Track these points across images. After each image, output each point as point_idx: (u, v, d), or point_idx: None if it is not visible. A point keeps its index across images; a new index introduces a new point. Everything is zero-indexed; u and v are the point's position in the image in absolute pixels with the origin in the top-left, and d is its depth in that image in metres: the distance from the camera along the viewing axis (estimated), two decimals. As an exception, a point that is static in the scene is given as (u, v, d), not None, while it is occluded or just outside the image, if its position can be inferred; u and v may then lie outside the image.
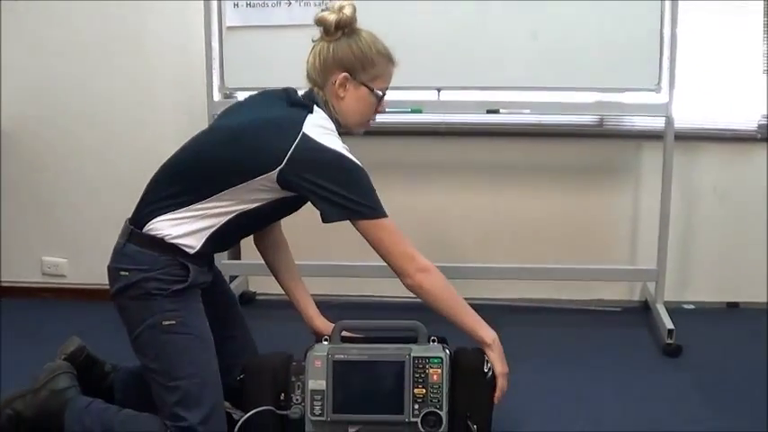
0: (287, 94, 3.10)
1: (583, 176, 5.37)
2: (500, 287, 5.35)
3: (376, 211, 2.90)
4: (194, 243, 2.91)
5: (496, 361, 3.05)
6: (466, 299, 3.13)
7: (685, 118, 5.04)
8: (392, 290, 5.21)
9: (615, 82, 4.83)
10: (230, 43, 4.88)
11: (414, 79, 4.71)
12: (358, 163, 2.91)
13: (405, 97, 4.87)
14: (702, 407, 3.87)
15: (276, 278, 3.53)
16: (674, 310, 5.00)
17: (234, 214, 2.92)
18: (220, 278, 3.39)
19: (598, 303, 5.39)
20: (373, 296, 5.35)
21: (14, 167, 5.53)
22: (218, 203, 2.90)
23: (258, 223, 3.13)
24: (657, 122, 4.97)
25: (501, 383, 3.05)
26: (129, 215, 3.06)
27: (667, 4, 4.67)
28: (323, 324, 3.41)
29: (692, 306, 5.39)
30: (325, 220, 2.88)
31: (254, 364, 3.17)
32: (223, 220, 2.93)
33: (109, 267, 2.99)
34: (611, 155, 5.36)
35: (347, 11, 3.00)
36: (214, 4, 4.87)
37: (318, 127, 2.89)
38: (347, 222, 2.89)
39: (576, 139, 5.35)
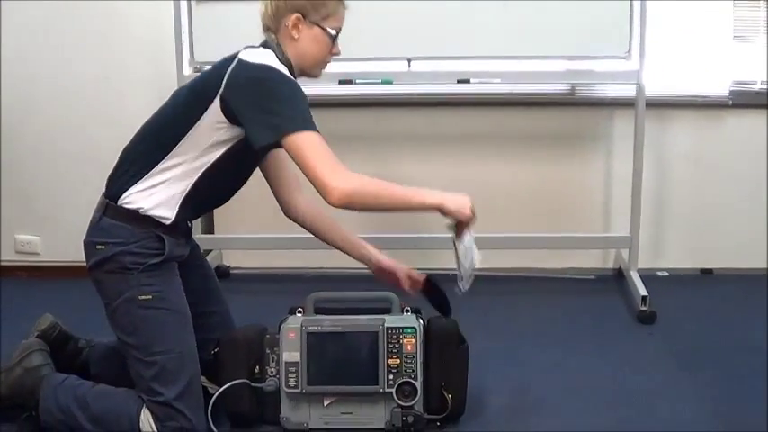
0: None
1: (555, 145, 5.37)
2: (473, 256, 5.33)
3: (299, 125, 2.79)
4: (168, 213, 2.91)
5: (457, 212, 3.16)
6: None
7: (656, 85, 5.04)
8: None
9: (585, 50, 4.84)
10: (199, 17, 4.86)
11: (384, 50, 4.76)
12: (288, 76, 2.90)
13: (375, 68, 4.88)
14: (677, 373, 3.88)
15: (327, 242, 3.60)
16: (648, 277, 5.01)
17: (200, 172, 2.91)
18: (198, 252, 3.39)
19: (572, 271, 5.41)
20: (347, 268, 5.33)
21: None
22: (179, 159, 2.89)
23: (227, 180, 3.09)
24: (629, 90, 4.96)
25: (470, 221, 3.23)
26: (101, 191, 3.05)
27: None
28: (387, 261, 3.53)
29: (665, 273, 5.41)
30: (255, 144, 2.81)
31: (228, 337, 3.18)
32: (191, 181, 2.92)
33: (85, 242, 2.99)
34: (582, 123, 5.37)
35: None
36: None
37: (254, 52, 2.94)
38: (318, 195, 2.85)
39: (547, 107, 5.36)
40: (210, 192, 3.04)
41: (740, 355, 4.01)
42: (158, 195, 2.90)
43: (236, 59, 2.87)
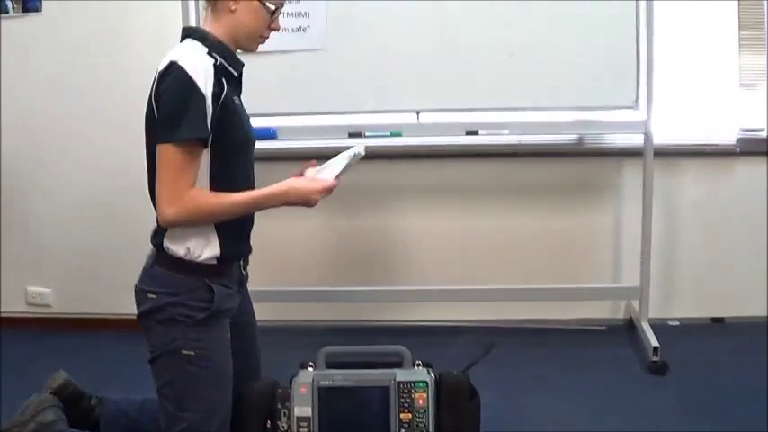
0: None
1: (564, 195, 5.38)
2: (483, 308, 5.34)
3: (166, 134, 2.65)
4: (212, 249, 2.86)
5: (304, 198, 2.91)
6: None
7: (664, 134, 5.04)
8: (375, 314, 5.24)
9: (593, 100, 4.86)
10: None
11: (393, 103, 4.78)
12: (183, 74, 2.66)
13: (384, 121, 4.91)
14: (690, 424, 3.88)
15: None
16: (659, 326, 5.01)
17: (205, 185, 2.81)
18: (249, 307, 3.33)
19: (582, 322, 5.40)
20: (359, 320, 5.35)
21: (-5, 196, 5.54)
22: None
23: (238, 177, 2.93)
24: (637, 139, 4.97)
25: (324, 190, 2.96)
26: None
27: (642, 22, 4.71)
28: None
29: (676, 322, 5.39)
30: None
31: (240, 392, 3.17)
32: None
33: (136, 288, 2.94)
34: (591, 173, 5.38)
35: None
36: (193, 22, 4.87)
37: (175, 50, 2.81)
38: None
39: (555, 158, 5.36)
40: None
41: (754, 405, 4.00)
42: (191, 229, 2.85)
43: (168, 63, 2.75)
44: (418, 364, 3.15)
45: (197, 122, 2.63)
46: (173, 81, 2.66)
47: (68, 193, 5.49)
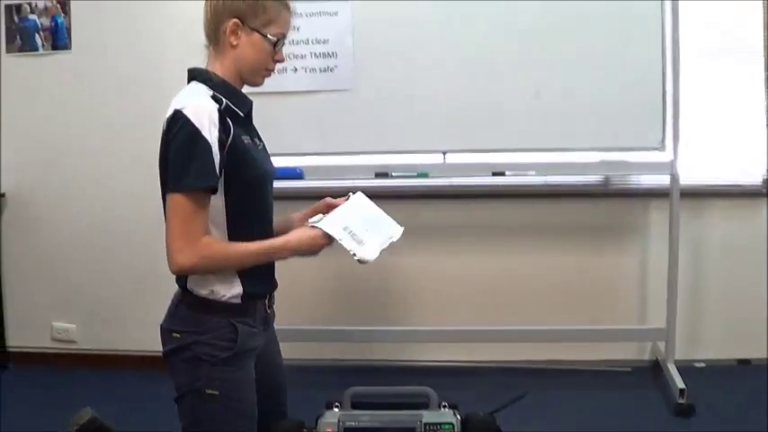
0: None
1: (590, 236, 5.38)
2: (509, 349, 5.33)
3: (175, 184, 2.64)
4: (236, 288, 2.82)
5: (311, 247, 2.80)
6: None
7: (690, 174, 5.06)
8: (401, 354, 5.23)
9: (619, 141, 4.88)
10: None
11: (419, 143, 4.79)
12: (188, 122, 2.64)
13: (411, 161, 4.93)
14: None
15: None
16: (685, 368, 4.99)
17: (226, 226, 2.78)
18: (275, 346, 3.32)
19: (608, 364, 5.37)
20: (381, 360, 5.35)
21: (21, 232, 5.59)
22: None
23: (255, 217, 2.91)
24: (663, 180, 4.98)
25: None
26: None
27: (669, 64, 4.71)
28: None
29: (702, 364, 5.36)
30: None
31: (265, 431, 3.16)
32: (223, 232, 2.76)
33: (161, 327, 2.93)
34: (617, 213, 5.38)
35: None
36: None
37: (180, 95, 2.79)
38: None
39: (582, 198, 5.37)
40: (248, 239, 2.93)
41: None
42: (216, 277, 2.85)
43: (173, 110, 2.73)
44: (444, 406, 3.13)
45: (204, 171, 2.62)
46: (178, 131, 2.64)
47: (94, 230, 5.53)
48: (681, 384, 4.64)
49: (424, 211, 5.35)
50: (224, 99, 2.72)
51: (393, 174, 4.94)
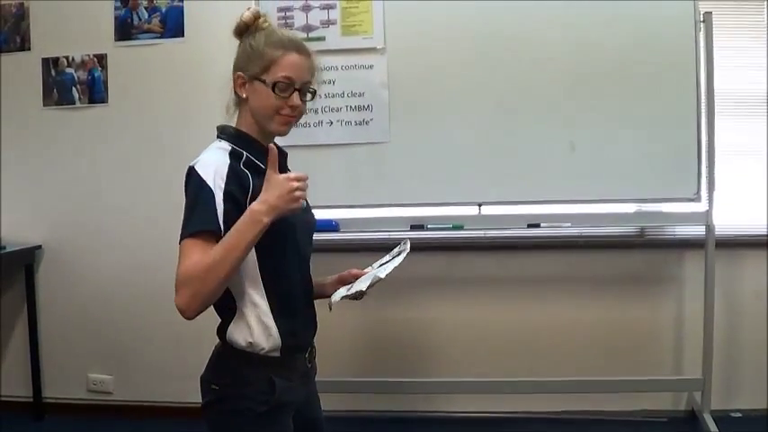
0: None
1: (625, 286, 5.36)
2: (545, 400, 5.32)
3: (183, 232, 2.67)
4: (272, 340, 2.79)
5: (287, 211, 2.63)
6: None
7: (726, 223, 5.06)
8: (438, 405, 5.23)
9: (654, 192, 4.88)
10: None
11: (454, 195, 4.80)
12: (199, 178, 2.66)
13: (446, 213, 4.94)
14: None
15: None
16: (722, 418, 4.98)
17: (260, 280, 2.79)
18: (315, 401, 3.30)
19: (644, 414, 5.34)
20: (419, 411, 5.34)
21: (57, 283, 5.62)
22: (239, 284, 2.78)
23: (287, 269, 2.88)
24: (698, 230, 4.99)
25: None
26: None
27: (703, 114, 4.72)
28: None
29: (739, 414, 5.32)
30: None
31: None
32: (262, 292, 2.80)
33: (201, 378, 2.93)
34: (652, 264, 5.36)
35: (245, 15, 2.87)
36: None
37: (201, 154, 2.80)
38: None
39: (617, 249, 5.36)
40: (284, 290, 2.86)
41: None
42: (252, 321, 2.78)
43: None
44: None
45: (205, 215, 2.62)
46: (187, 185, 2.71)
47: (130, 281, 5.55)
48: (717, 434, 4.63)
49: (458, 263, 5.37)
50: (244, 153, 2.75)
51: (428, 226, 4.95)
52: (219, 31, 5.20)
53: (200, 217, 2.62)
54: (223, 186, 2.63)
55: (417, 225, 4.93)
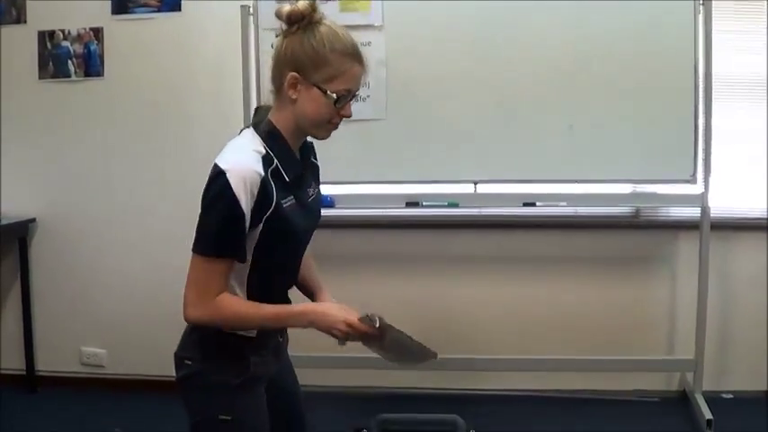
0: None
1: (619, 267, 5.38)
2: (538, 378, 5.34)
3: (199, 246, 2.63)
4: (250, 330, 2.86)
5: (327, 332, 2.73)
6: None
7: (721, 206, 5.07)
8: (431, 382, 5.23)
9: (650, 174, 4.88)
10: (270, 138, 4.93)
11: (450, 173, 4.79)
12: (225, 189, 2.54)
13: (442, 191, 4.95)
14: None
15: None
16: (713, 399, 4.99)
17: (247, 277, 2.76)
18: (289, 371, 3.33)
19: (636, 394, 5.36)
20: (412, 387, 5.35)
21: (51, 257, 5.63)
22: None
23: (277, 272, 2.90)
24: (693, 212, 4.99)
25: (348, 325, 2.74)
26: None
27: (701, 96, 4.72)
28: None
29: (730, 395, 5.33)
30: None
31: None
32: (244, 288, 2.78)
33: (175, 354, 2.93)
34: (647, 245, 5.37)
35: (301, 4, 2.62)
36: (253, 98, 4.99)
37: (229, 148, 2.72)
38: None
39: (612, 229, 5.36)
40: (266, 291, 2.83)
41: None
42: None
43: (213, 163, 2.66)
44: (472, 433, 3.15)
45: (231, 243, 2.59)
46: (216, 194, 2.56)
47: (123, 256, 5.57)
48: (708, 415, 4.65)
49: (453, 241, 5.38)
50: (275, 160, 2.64)
51: (424, 203, 4.96)
52: (216, 5, 5.24)
53: (231, 242, 2.59)
54: (252, 205, 2.55)
55: (412, 202, 4.94)
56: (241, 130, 2.80)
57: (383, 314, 2.76)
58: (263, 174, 2.57)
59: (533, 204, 4.97)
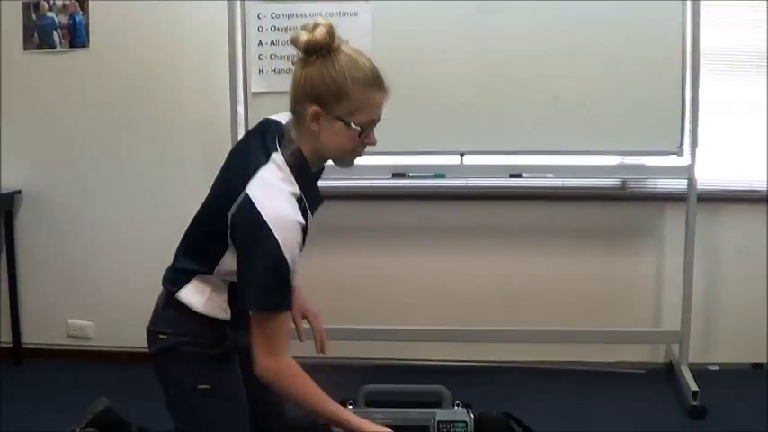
0: (262, 133, 2.81)
1: (606, 239, 5.39)
2: (524, 350, 5.35)
3: (260, 304, 2.61)
4: (224, 315, 2.84)
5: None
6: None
7: (708, 178, 5.09)
8: (416, 353, 5.23)
9: (637, 145, 4.88)
10: (255, 109, 4.92)
11: (437, 144, 4.78)
12: (280, 249, 2.52)
13: (428, 162, 4.94)
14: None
15: None
16: (699, 371, 5.00)
17: (225, 286, 2.83)
18: None
19: (622, 365, 5.37)
20: (397, 359, 5.35)
21: (36, 229, 5.60)
22: (217, 277, 2.80)
23: None
24: (680, 184, 4.99)
25: None
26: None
27: (688, 68, 4.71)
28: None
29: (716, 367, 5.36)
30: (241, 306, 2.73)
31: (280, 428, 3.17)
32: (223, 292, 2.84)
33: (147, 329, 2.93)
34: (633, 217, 5.38)
35: (318, 32, 2.55)
36: (240, 70, 4.94)
37: (263, 188, 2.59)
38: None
39: (598, 201, 5.37)
40: None
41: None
42: (212, 301, 2.82)
43: (243, 195, 2.57)
44: (458, 404, 3.15)
45: (287, 295, 2.62)
46: (265, 253, 2.52)
47: (109, 228, 5.56)
48: (694, 387, 4.65)
49: (440, 212, 5.37)
50: (304, 200, 2.66)
51: (410, 174, 4.94)
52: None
53: (283, 297, 2.61)
54: (295, 258, 2.58)
55: (399, 173, 4.92)
56: (263, 147, 2.72)
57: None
58: (303, 222, 2.57)
59: (520, 176, 4.95)
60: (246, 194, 2.54)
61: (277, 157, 2.65)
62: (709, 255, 5.30)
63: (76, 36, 5.37)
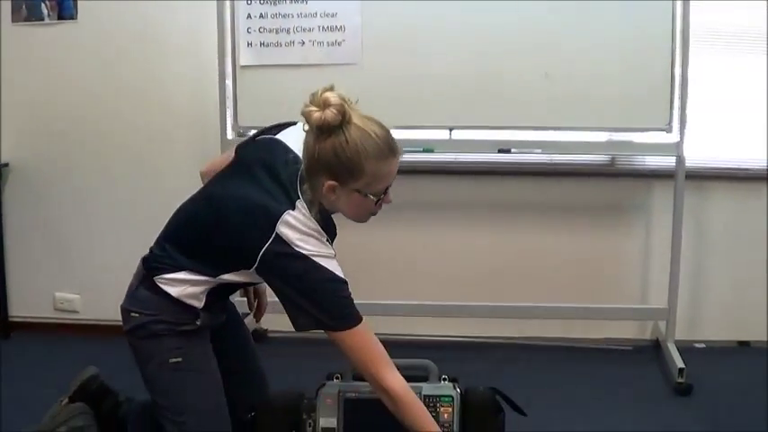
0: (274, 168, 2.82)
1: (594, 215, 5.39)
2: (510, 325, 5.37)
3: (346, 323, 2.74)
4: (198, 304, 2.88)
5: None
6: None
7: (696, 156, 5.07)
8: (404, 328, 5.22)
9: (626, 122, 4.87)
10: (244, 82, 4.92)
11: (426, 119, 4.78)
12: (330, 271, 2.70)
13: (417, 137, 4.93)
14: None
15: None
16: (685, 348, 5.02)
17: (218, 284, 2.88)
18: (235, 315, 3.35)
19: (609, 342, 5.39)
20: (385, 334, 5.35)
21: (24, 202, 5.59)
22: (203, 276, 2.85)
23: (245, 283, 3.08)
24: (668, 161, 4.99)
25: None
26: (142, 251, 3.03)
27: (678, 45, 4.70)
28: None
29: (702, 345, 5.38)
30: (297, 328, 2.78)
31: (265, 402, 3.17)
32: (209, 287, 2.89)
33: (121, 307, 2.97)
34: (622, 194, 5.38)
35: (329, 114, 2.57)
36: (228, 43, 4.93)
37: (293, 229, 2.66)
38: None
39: (587, 178, 5.37)
40: (224, 293, 3.02)
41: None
42: (190, 290, 2.85)
43: (274, 235, 2.63)
44: (444, 379, 3.14)
45: (351, 306, 2.77)
46: (319, 279, 2.68)
47: (98, 200, 5.55)
48: (680, 364, 4.65)
49: (428, 187, 5.36)
50: (324, 233, 2.75)
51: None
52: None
53: (351, 308, 2.77)
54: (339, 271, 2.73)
55: (387, 147, 4.90)
56: (281, 187, 2.76)
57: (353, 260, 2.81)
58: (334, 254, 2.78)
59: (508, 151, 4.95)
60: (277, 234, 2.63)
61: (301, 205, 2.71)
62: (696, 232, 5.30)
63: (65, 8, 5.35)
